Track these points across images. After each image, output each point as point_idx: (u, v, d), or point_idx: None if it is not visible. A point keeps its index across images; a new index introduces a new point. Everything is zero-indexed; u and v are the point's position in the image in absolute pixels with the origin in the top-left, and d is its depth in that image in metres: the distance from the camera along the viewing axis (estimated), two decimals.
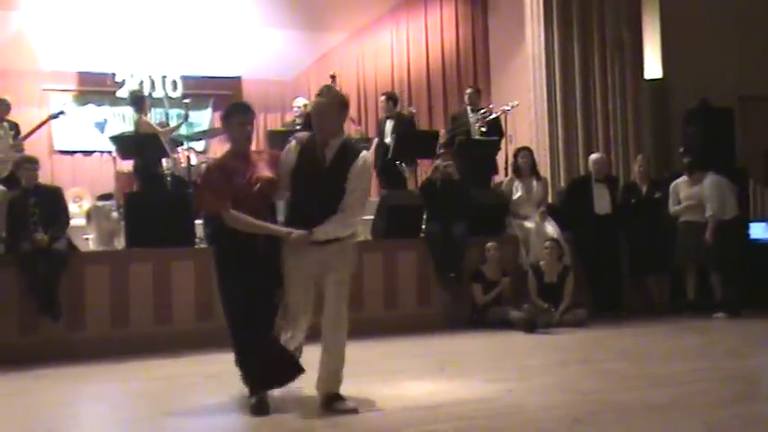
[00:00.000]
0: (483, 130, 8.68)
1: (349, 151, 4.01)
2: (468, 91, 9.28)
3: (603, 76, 9.77)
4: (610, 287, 7.69)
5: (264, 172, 4.00)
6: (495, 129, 8.80)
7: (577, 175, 9.22)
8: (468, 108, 9.01)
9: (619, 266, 7.81)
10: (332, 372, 4.02)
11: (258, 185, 3.95)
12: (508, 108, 8.85)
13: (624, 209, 7.96)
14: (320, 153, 4.00)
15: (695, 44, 9.66)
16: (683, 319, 7.38)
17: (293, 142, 4.10)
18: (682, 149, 8.70)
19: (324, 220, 3.92)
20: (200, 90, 11.94)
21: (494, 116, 8.77)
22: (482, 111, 8.85)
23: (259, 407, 3.91)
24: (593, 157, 8.19)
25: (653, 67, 9.92)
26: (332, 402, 3.98)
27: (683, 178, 7.87)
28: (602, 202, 7.82)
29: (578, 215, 7.82)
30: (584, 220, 7.76)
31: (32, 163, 6.45)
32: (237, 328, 3.95)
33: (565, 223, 7.74)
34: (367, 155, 4.06)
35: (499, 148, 8.90)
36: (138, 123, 8.16)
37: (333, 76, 8.79)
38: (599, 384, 4.52)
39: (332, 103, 4.02)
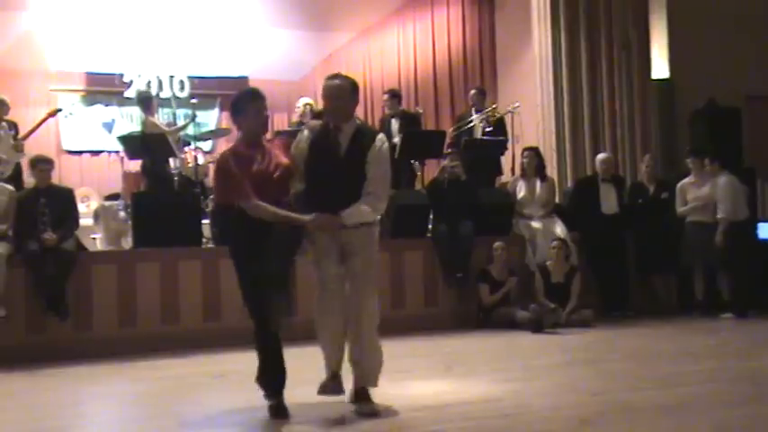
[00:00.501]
0: (488, 130, 8.67)
1: (364, 135, 3.87)
2: (473, 92, 9.27)
3: (610, 76, 9.74)
4: (617, 287, 7.67)
5: (282, 158, 3.84)
6: (500, 129, 8.79)
7: (584, 175, 9.20)
8: (473, 109, 9.00)
9: (626, 267, 7.80)
10: (366, 368, 3.94)
11: (278, 173, 3.78)
12: (511, 109, 8.84)
13: (631, 209, 7.94)
14: (334, 140, 3.84)
15: (702, 44, 9.63)
16: (690, 319, 7.36)
17: (305, 132, 3.95)
18: (688, 149, 8.68)
19: (346, 208, 3.77)
20: (208, 90, 11.98)
21: (497, 116, 8.75)
22: (486, 111, 8.83)
23: (275, 411, 3.85)
24: (600, 157, 8.18)
25: (660, 68, 9.89)
26: (358, 400, 3.91)
27: (690, 178, 7.85)
28: (608, 202, 7.81)
29: (585, 215, 7.81)
30: (591, 221, 7.74)
31: (47, 163, 6.48)
32: (258, 326, 3.84)
33: (572, 223, 7.73)
34: (383, 137, 3.92)
35: (506, 149, 8.89)
36: (144, 124, 8.18)
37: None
38: (606, 385, 4.51)
39: (344, 86, 3.87)
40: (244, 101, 3.90)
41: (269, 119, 4.04)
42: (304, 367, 4.11)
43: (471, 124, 8.77)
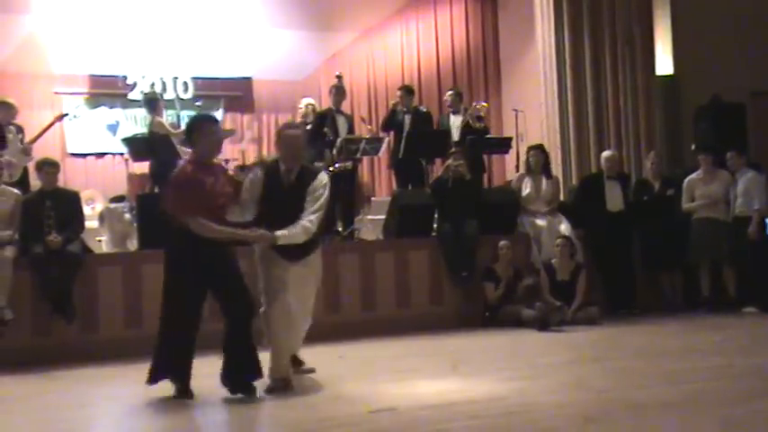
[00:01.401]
0: (480, 125, 8.67)
1: (307, 175, 4.52)
2: (449, 93, 9.23)
3: (614, 73, 9.73)
4: (622, 285, 7.66)
5: (227, 187, 4.40)
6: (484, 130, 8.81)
7: (589, 172, 9.20)
8: (450, 110, 8.98)
9: (631, 264, 7.78)
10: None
11: (222, 199, 4.33)
12: (477, 112, 8.86)
13: (636, 206, 7.92)
14: (285, 178, 4.49)
15: (707, 40, 9.60)
16: (696, 316, 7.35)
17: (258, 171, 4.53)
18: (694, 146, 8.66)
19: None
20: (211, 91, 11.99)
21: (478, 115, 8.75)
22: (470, 109, 8.82)
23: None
24: (605, 154, 8.16)
25: (664, 64, 9.87)
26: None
27: (698, 174, 7.82)
28: (614, 199, 7.79)
29: (590, 213, 7.80)
30: (596, 218, 7.73)
31: (52, 166, 6.50)
32: (168, 327, 4.39)
33: (577, 221, 7.72)
34: (324, 175, 4.59)
35: (510, 147, 8.89)
36: (152, 125, 8.20)
37: (339, 76, 8.77)
38: (612, 382, 4.51)
39: (301, 136, 4.60)
40: (202, 120, 4.53)
41: (221, 144, 4.67)
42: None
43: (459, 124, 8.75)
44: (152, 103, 8.36)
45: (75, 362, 5.82)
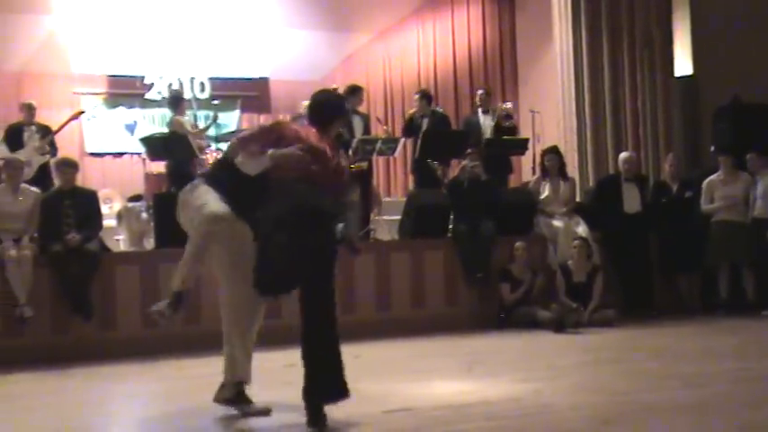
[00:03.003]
0: (510, 123, 8.66)
1: None
2: (480, 92, 9.23)
3: (633, 74, 9.67)
4: (640, 287, 7.61)
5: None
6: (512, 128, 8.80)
7: (606, 174, 9.15)
8: (479, 110, 8.97)
9: (649, 266, 7.73)
10: None
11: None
12: (506, 110, 8.84)
13: (654, 208, 7.87)
14: None
15: (726, 40, 9.51)
16: (714, 318, 7.28)
17: None
18: (713, 148, 8.59)
19: None
20: (228, 91, 12.06)
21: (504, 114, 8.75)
22: (497, 110, 8.81)
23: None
24: (623, 155, 8.12)
25: (683, 65, 9.79)
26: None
27: (718, 176, 7.75)
28: (631, 201, 7.75)
29: (607, 214, 7.76)
30: (613, 220, 7.69)
31: (71, 166, 6.56)
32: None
33: (593, 222, 7.69)
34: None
35: (526, 148, 8.86)
36: (171, 123, 8.25)
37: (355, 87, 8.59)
38: (629, 385, 4.48)
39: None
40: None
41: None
42: None
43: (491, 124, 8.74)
44: (176, 102, 8.41)
45: (92, 359, 5.87)
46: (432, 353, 5.98)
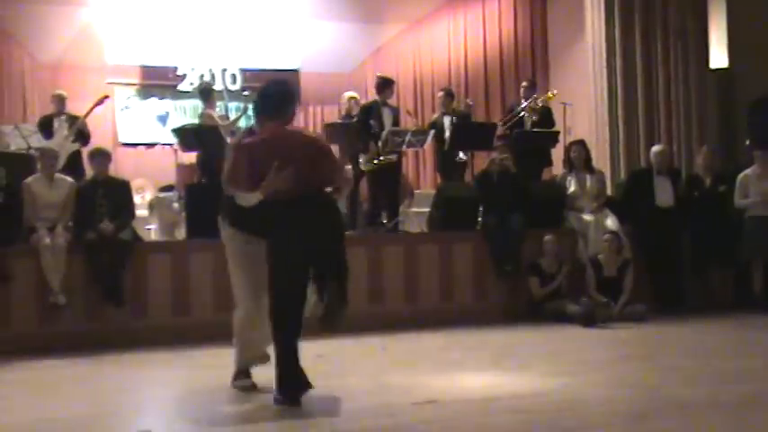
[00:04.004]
0: (534, 119, 8.58)
1: None
2: (524, 84, 9.16)
3: (666, 65, 9.53)
4: (671, 282, 7.52)
5: None
6: (548, 120, 8.70)
7: (638, 167, 9.04)
8: (523, 101, 8.92)
9: (680, 261, 7.63)
10: None
11: None
12: (547, 100, 8.76)
13: (687, 202, 7.76)
14: None
15: (763, 32, 9.33)
16: (747, 315, 7.17)
17: None
18: (748, 141, 8.44)
19: None
20: (259, 83, 12.04)
21: (540, 106, 8.66)
22: (529, 101, 8.73)
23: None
24: (655, 148, 8.02)
25: (718, 57, 9.63)
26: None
27: (752, 170, 7.62)
28: (663, 194, 7.65)
29: (639, 208, 7.67)
30: (644, 214, 7.60)
31: (104, 156, 6.66)
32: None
33: (625, 216, 7.60)
34: None
35: (557, 140, 8.78)
36: (202, 116, 8.31)
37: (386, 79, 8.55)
38: (662, 380, 4.43)
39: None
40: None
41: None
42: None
43: (521, 115, 8.68)
44: (206, 94, 8.47)
45: (124, 346, 5.95)
46: (459, 345, 5.97)
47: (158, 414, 4.18)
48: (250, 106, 8.24)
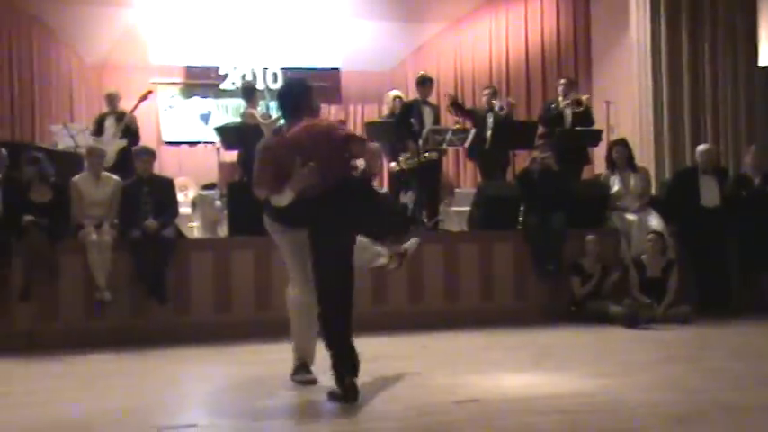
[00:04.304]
0: (578, 110, 8.48)
1: None
2: (563, 81, 9.06)
3: (713, 63, 9.34)
4: (717, 283, 7.37)
5: None
6: (587, 119, 8.61)
7: (684, 166, 8.88)
8: (560, 98, 8.84)
9: (727, 262, 7.47)
10: None
11: None
12: (584, 101, 8.68)
13: (734, 202, 7.60)
14: None
15: None
16: None
17: None
18: None
19: None
20: None
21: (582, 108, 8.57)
22: (570, 99, 8.65)
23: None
24: (701, 148, 7.87)
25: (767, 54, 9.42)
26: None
27: None
28: (709, 194, 7.51)
29: (684, 208, 7.54)
30: (690, 214, 7.47)
31: (149, 154, 6.77)
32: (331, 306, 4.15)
33: (669, 216, 7.48)
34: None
35: (600, 139, 8.68)
36: (244, 115, 8.40)
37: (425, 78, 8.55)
38: (706, 383, 4.35)
39: None
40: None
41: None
42: None
43: (556, 111, 8.61)
44: (249, 93, 8.56)
45: (167, 342, 6.04)
46: (500, 345, 5.94)
47: (202, 408, 4.24)
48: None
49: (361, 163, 4.37)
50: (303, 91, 4.35)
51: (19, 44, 10.86)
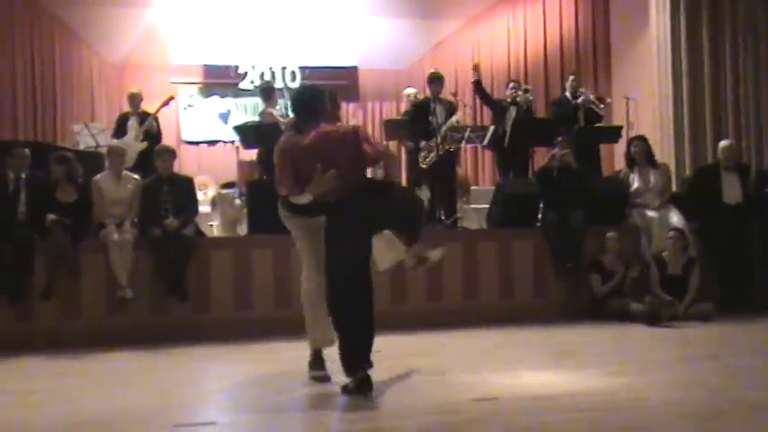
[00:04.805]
0: (600, 107, 8.46)
1: None
2: (571, 77, 9.04)
3: (735, 59, 9.23)
4: (739, 280, 7.29)
5: None
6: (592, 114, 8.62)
7: (704, 162, 8.80)
8: (567, 94, 8.81)
9: (750, 259, 7.40)
10: None
11: None
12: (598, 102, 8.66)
13: (756, 199, 7.52)
14: None
15: None
16: None
17: None
18: None
19: None
20: (318, 80, 12.19)
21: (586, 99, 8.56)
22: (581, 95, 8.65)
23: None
24: (723, 144, 7.79)
25: None
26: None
27: None
28: (731, 191, 7.43)
29: (706, 205, 7.47)
30: (712, 211, 7.40)
31: (169, 153, 6.82)
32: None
33: (691, 213, 7.41)
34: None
35: (620, 136, 8.63)
36: (263, 114, 8.44)
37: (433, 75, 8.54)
38: (728, 381, 4.30)
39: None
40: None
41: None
42: None
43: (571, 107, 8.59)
44: (267, 92, 8.59)
45: (187, 340, 6.09)
46: (520, 343, 5.92)
47: (221, 406, 4.26)
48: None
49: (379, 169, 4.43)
50: (317, 95, 4.38)
51: (41, 45, 10.98)
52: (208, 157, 12.00)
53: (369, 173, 4.48)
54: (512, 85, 8.83)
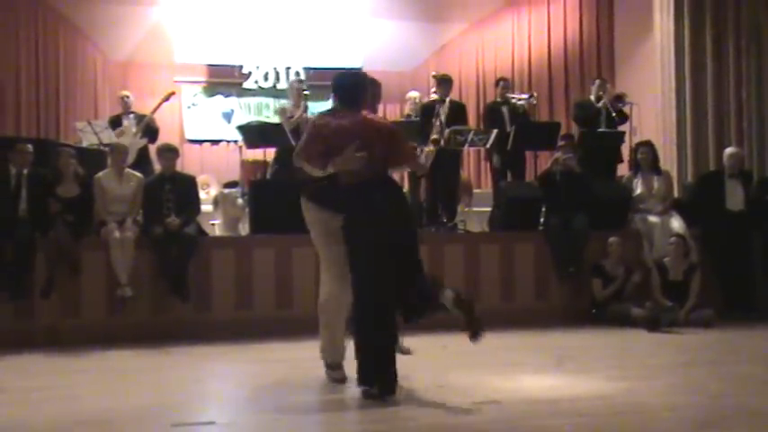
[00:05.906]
0: (620, 106, 8.51)
1: None
2: (598, 81, 9.03)
3: (738, 64, 9.24)
4: (741, 287, 7.28)
5: None
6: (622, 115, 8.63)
7: (706, 168, 8.79)
8: (591, 97, 8.81)
9: (751, 265, 7.39)
10: None
11: None
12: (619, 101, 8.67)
13: (759, 206, 7.51)
14: None
15: None
16: None
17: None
18: None
19: None
20: (322, 81, 12.19)
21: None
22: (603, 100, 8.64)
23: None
24: (728, 151, 7.78)
25: None
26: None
27: None
28: (734, 198, 7.43)
29: (708, 212, 7.46)
30: (714, 217, 7.39)
31: (172, 152, 6.82)
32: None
33: (693, 219, 7.41)
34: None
35: (622, 140, 8.62)
36: (283, 111, 8.45)
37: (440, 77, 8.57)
38: (728, 387, 4.31)
39: None
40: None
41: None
42: None
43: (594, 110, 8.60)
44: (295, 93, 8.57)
45: (188, 339, 6.08)
46: (520, 346, 5.91)
47: (221, 405, 4.26)
48: (309, 104, 8.33)
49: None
50: (361, 84, 4.34)
51: (45, 42, 10.99)
52: (211, 156, 11.99)
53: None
54: (502, 84, 8.83)
